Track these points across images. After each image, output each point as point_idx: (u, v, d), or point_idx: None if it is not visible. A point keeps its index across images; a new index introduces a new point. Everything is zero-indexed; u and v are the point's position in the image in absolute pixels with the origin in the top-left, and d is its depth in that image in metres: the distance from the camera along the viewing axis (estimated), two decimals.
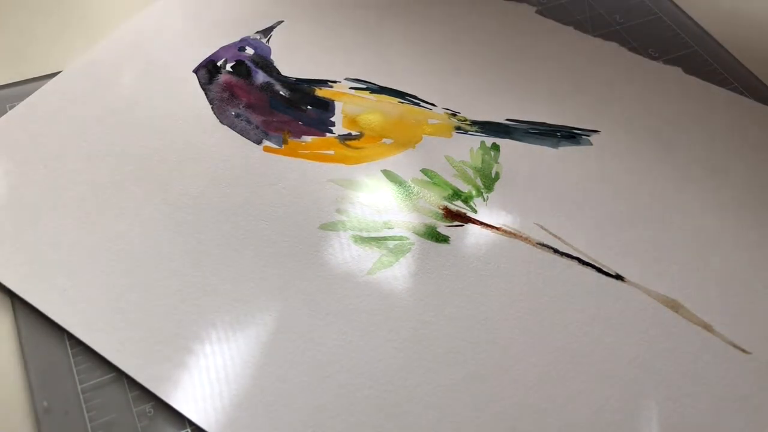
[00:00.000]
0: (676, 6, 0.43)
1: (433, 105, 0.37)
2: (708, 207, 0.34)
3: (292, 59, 0.39)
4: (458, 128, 0.36)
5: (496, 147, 0.36)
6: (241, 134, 0.36)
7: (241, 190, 0.34)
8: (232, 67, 0.38)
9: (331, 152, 0.35)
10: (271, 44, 0.40)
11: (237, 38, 0.40)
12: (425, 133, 0.36)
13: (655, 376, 0.29)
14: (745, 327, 0.30)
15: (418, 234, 0.32)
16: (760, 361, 0.29)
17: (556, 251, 0.32)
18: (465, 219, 0.33)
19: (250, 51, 0.39)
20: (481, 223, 0.33)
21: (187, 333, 0.29)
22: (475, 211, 0.33)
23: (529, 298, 0.31)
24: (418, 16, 0.42)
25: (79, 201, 0.33)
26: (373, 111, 0.37)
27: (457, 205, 0.33)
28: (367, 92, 0.38)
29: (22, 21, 0.42)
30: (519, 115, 0.37)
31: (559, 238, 0.32)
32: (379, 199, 0.34)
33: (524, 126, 0.37)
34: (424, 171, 0.35)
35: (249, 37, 0.40)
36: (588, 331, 0.30)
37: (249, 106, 0.37)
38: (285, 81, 0.38)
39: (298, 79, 0.38)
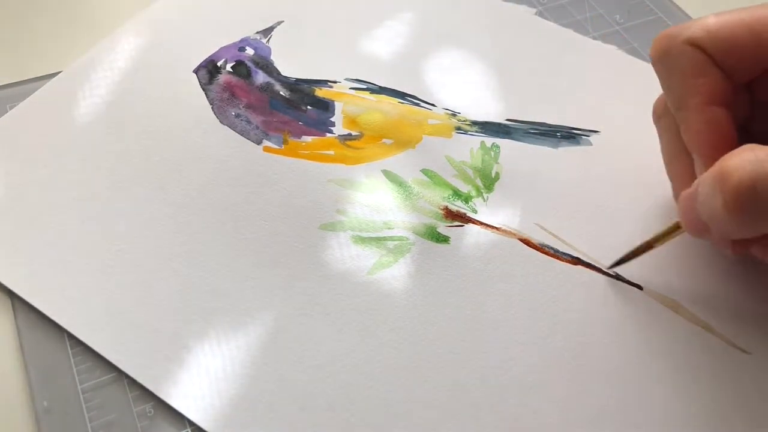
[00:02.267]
0: (677, 6, 0.43)
1: (433, 105, 0.37)
2: None
3: (292, 59, 0.39)
4: (458, 128, 0.36)
5: (496, 147, 0.36)
6: (241, 134, 0.36)
7: (241, 190, 0.34)
8: (232, 68, 0.38)
9: (331, 152, 0.35)
10: (271, 44, 0.40)
11: (237, 38, 0.40)
12: (425, 134, 0.36)
13: (655, 376, 0.29)
14: (745, 327, 0.30)
15: (418, 234, 0.32)
16: (760, 361, 0.29)
17: (556, 251, 0.32)
18: (465, 219, 0.33)
19: (250, 51, 0.39)
20: (481, 224, 0.33)
21: (187, 333, 0.29)
22: (475, 212, 0.33)
23: (529, 298, 0.31)
24: (418, 16, 0.42)
25: (79, 201, 0.33)
26: (373, 111, 0.37)
27: (457, 205, 0.33)
28: (367, 92, 0.38)
29: (22, 21, 0.42)
30: (519, 115, 0.37)
31: (559, 238, 0.32)
32: (379, 199, 0.34)
33: (524, 126, 0.37)
34: (424, 171, 0.35)
35: (249, 37, 0.40)
36: (588, 331, 0.30)
37: (249, 107, 0.37)
38: (285, 81, 0.38)
39: (298, 80, 0.38)
